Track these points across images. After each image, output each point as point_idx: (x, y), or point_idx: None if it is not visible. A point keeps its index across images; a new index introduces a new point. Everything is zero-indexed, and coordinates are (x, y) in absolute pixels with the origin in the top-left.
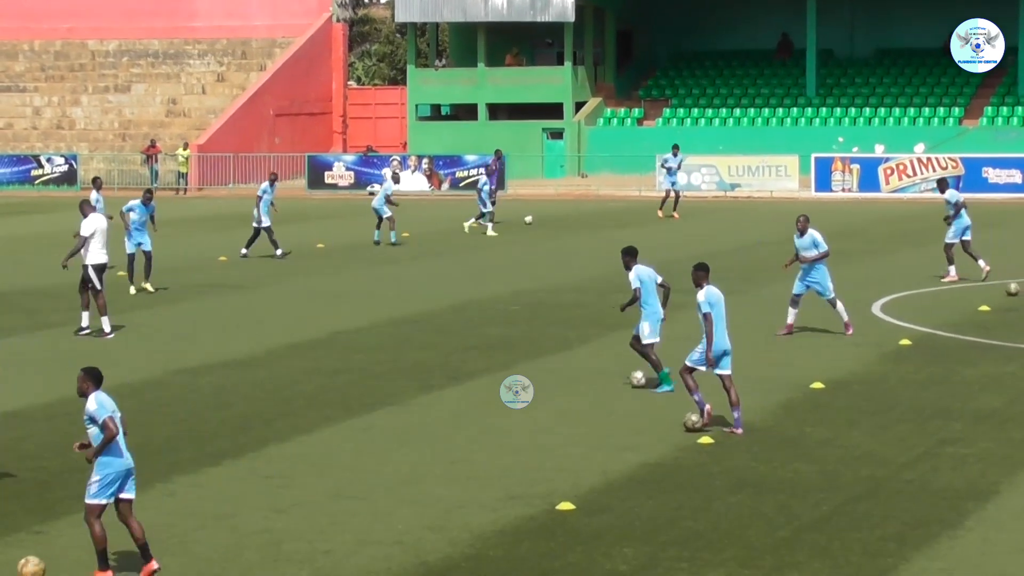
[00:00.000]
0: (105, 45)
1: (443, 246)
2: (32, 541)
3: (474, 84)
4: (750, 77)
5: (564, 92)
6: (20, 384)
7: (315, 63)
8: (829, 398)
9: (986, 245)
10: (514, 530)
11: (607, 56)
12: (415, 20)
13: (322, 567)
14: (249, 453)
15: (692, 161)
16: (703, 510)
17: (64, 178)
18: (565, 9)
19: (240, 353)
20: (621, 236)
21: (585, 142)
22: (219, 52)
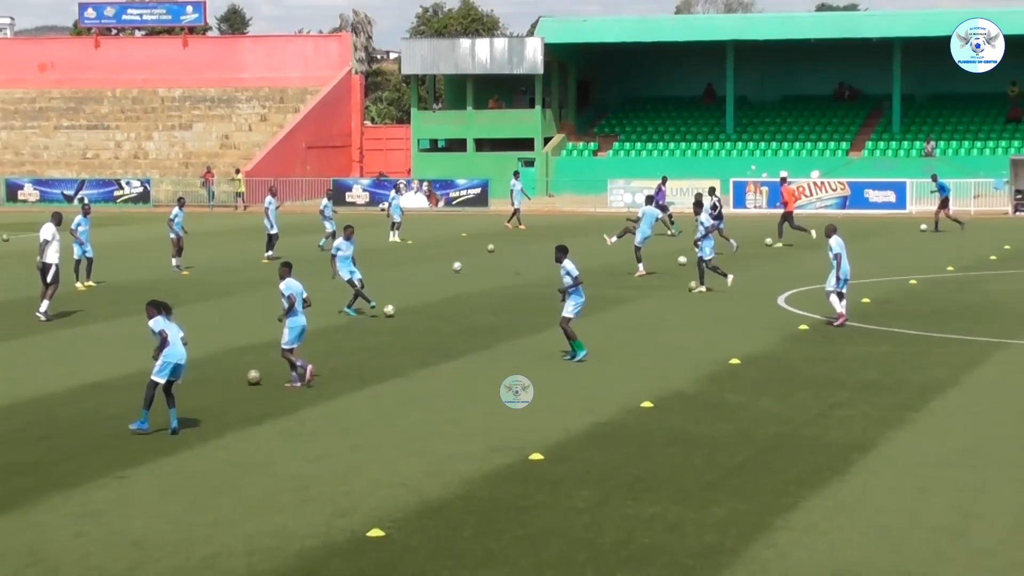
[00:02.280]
0: (172, 92)
1: (438, 250)
2: (115, 484)
3: (464, 123)
4: (682, 118)
5: (535, 129)
6: (104, 360)
7: (338, 106)
8: (744, 371)
9: (867, 251)
10: (495, 475)
11: (569, 101)
12: (417, 72)
13: (342, 505)
14: (285, 415)
15: (636, 184)
16: (644, 460)
17: (140, 198)
18: (536, 64)
19: (276, 336)
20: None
21: (552, 169)
22: (262, 98)
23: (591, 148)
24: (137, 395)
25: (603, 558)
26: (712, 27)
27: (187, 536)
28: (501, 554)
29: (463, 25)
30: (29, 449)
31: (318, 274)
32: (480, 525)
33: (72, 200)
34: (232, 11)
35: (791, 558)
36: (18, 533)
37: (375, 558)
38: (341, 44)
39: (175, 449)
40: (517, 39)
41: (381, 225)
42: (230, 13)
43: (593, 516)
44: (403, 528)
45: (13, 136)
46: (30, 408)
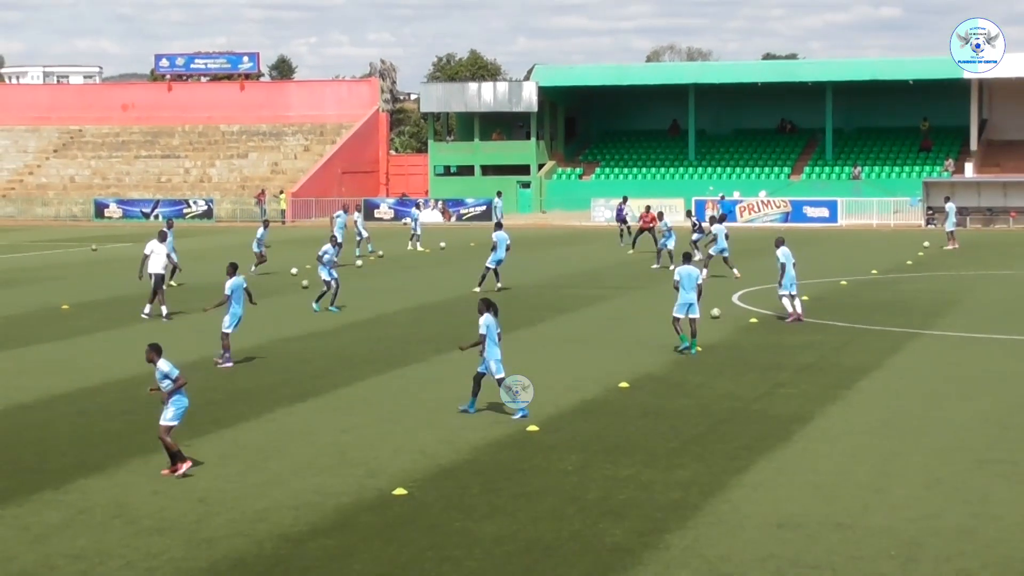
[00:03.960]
0: (231, 128)
1: (450, 258)
2: (185, 450)
3: (472, 152)
4: (652, 147)
5: (531, 157)
6: (177, 348)
7: (368, 139)
8: (704, 356)
9: (805, 257)
10: (498, 443)
11: (559, 134)
12: (433, 110)
13: (372, 467)
14: (324, 393)
15: (614, 202)
16: (621, 430)
17: (204, 214)
18: (531, 103)
19: (318, 328)
20: (568, 251)
21: (544, 190)
22: (305, 132)
23: (577, 172)
24: (199, 377)
25: (587, 511)
26: (677, 72)
27: (244, 493)
28: (503, 508)
29: (471, 71)
30: (116, 421)
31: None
32: (485, 484)
33: (149, 216)
34: (281, 60)
35: (743, 511)
36: (107, 490)
37: (399, 512)
38: (370, 87)
39: (233, 422)
40: (516, 83)
41: (404, 236)
42: (279, 62)
43: (579, 477)
44: (422, 487)
45: (100, 164)
46: (119, 387)
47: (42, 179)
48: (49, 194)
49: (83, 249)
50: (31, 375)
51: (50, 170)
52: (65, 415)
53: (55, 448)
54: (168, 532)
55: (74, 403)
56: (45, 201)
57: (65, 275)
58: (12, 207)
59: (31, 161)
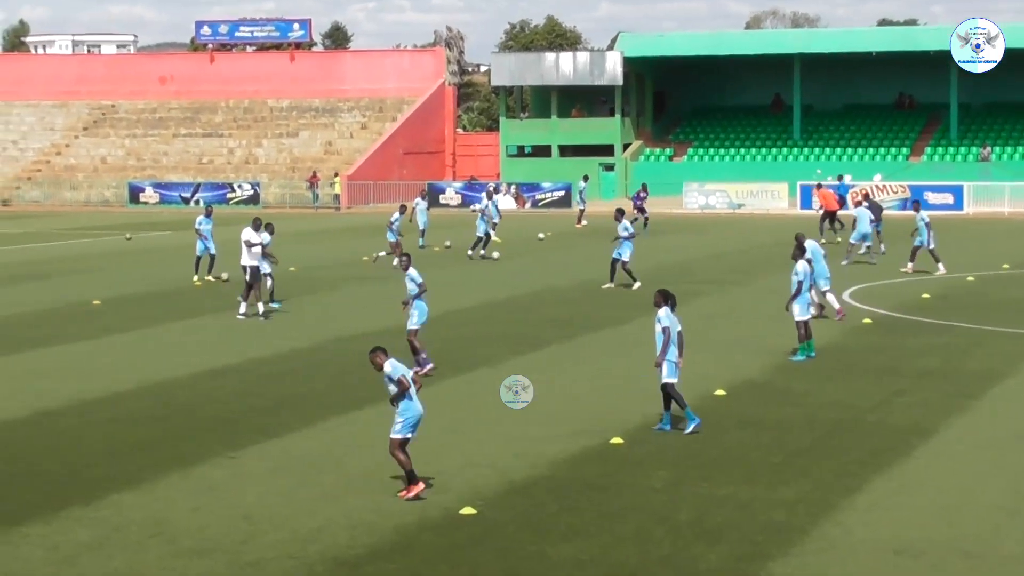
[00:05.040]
0: (280, 103)
1: (525, 249)
2: (227, 464)
3: (549, 130)
4: (751, 125)
5: (615, 136)
6: (218, 349)
7: (432, 115)
8: (810, 360)
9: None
10: (578, 457)
11: (646, 110)
12: (506, 83)
13: (437, 483)
14: (384, 401)
15: (709, 187)
16: (717, 442)
17: (250, 199)
18: (615, 75)
19: (377, 326)
20: (657, 242)
21: (630, 173)
22: (363, 108)
23: (667, 153)
24: (246, 381)
25: (678, 534)
26: (780, 41)
27: (294, 511)
28: (583, 529)
29: (548, 40)
30: (151, 429)
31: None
32: (563, 503)
33: (189, 202)
34: (335, 28)
35: (856, 535)
36: (143, 506)
37: (467, 533)
38: (435, 58)
39: (283, 431)
40: (598, 53)
41: (470, 225)
42: (333, 30)
43: (669, 495)
44: (492, 505)
45: (135, 143)
46: (154, 392)
47: (71, 160)
48: (78, 177)
49: (116, 238)
50: (58, 378)
51: (79, 150)
52: (96, 422)
53: (85, 459)
54: (210, 553)
55: (106, 409)
56: (74, 184)
57: (96, 267)
58: (38, 191)
59: (58, 140)
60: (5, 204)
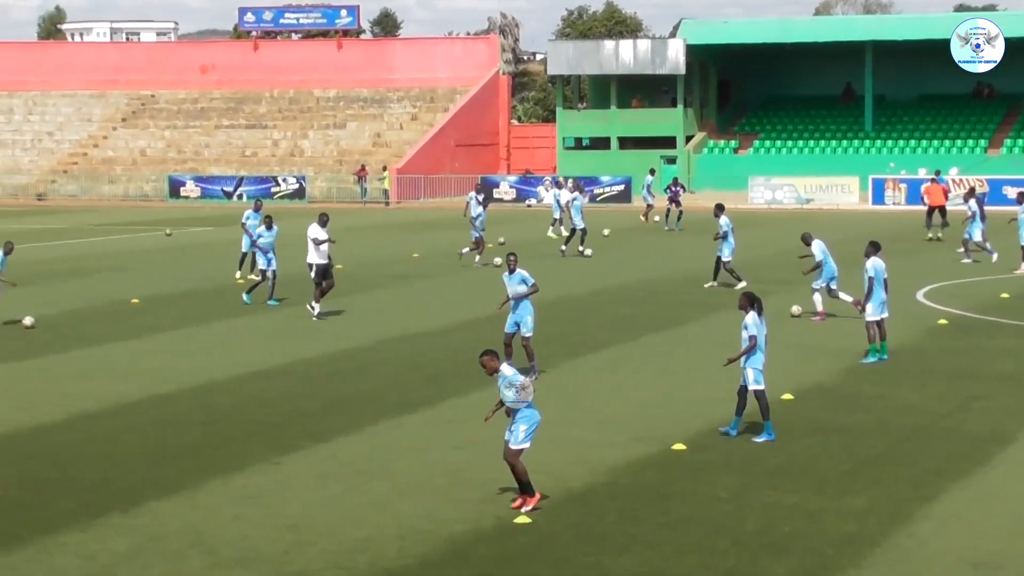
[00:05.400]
0: (327, 93)
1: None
2: (271, 470)
3: (607, 122)
4: (821, 116)
5: (677, 128)
6: (262, 349)
7: (486, 106)
8: (882, 363)
9: (1007, 247)
10: (639, 464)
11: (710, 100)
12: (563, 72)
13: (491, 491)
14: (436, 403)
15: (776, 181)
16: (784, 449)
17: (296, 194)
18: (678, 64)
19: (428, 327)
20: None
21: (693, 166)
22: (413, 98)
23: (732, 146)
24: (291, 383)
25: (744, 545)
26: (851, 28)
27: (341, 519)
28: (643, 539)
29: (607, 27)
30: (192, 434)
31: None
32: (623, 511)
33: (231, 196)
34: (384, 15)
35: (931, 547)
36: (182, 514)
37: (522, 543)
38: (489, 46)
39: (330, 436)
40: (660, 40)
41: (526, 220)
42: (382, 16)
43: (734, 504)
44: (548, 514)
45: (176, 135)
46: (195, 394)
47: (108, 152)
48: (116, 170)
49: (156, 234)
50: (96, 379)
51: (118, 142)
52: (135, 426)
53: (123, 464)
54: (253, 564)
55: (145, 412)
56: (112, 178)
57: (135, 264)
58: (74, 185)
59: (96, 131)
60: (40, 198)
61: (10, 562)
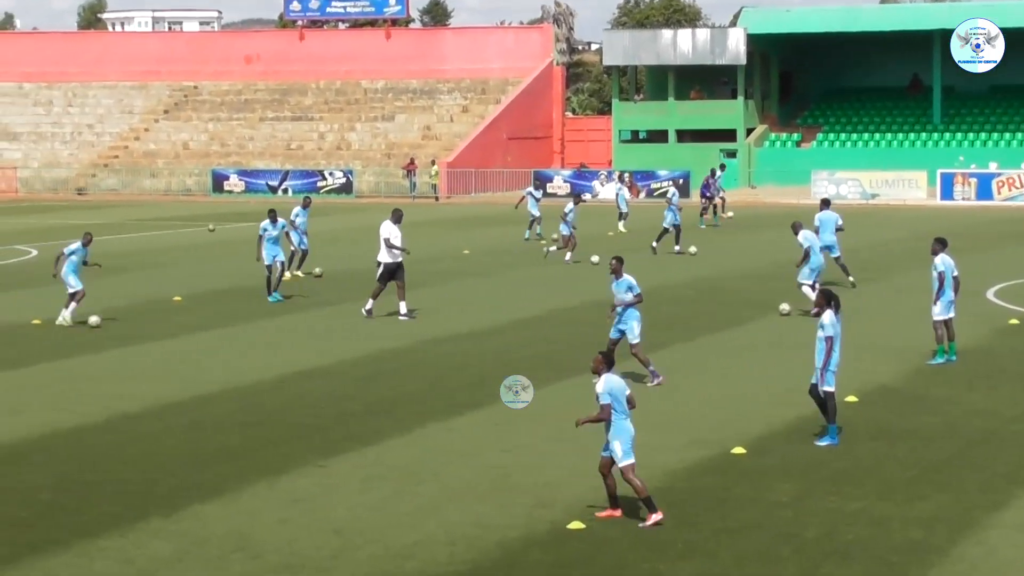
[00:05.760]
0: (374, 84)
1: (638, 242)
2: (317, 473)
3: (665, 114)
4: (887, 108)
5: (737, 120)
6: (308, 349)
7: (539, 97)
8: (950, 364)
9: None
10: (696, 468)
11: (771, 91)
12: (619, 63)
13: (543, 495)
14: (484, 405)
15: (840, 175)
16: (847, 453)
17: (343, 188)
18: (738, 54)
19: (475, 326)
20: (783, 235)
21: (754, 160)
22: (464, 89)
23: (794, 139)
24: (337, 384)
25: (806, 552)
26: (919, 16)
27: (388, 524)
28: (701, 546)
29: (665, 16)
30: (235, 436)
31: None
32: (681, 517)
33: (276, 191)
34: (434, 3)
35: (1001, 556)
36: (225, 518)
37: (575, 549)
38: (543, 35)
39: (376, 439)
40: (719, 30)
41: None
42: (432, 5)
43: (795, 510)
44: (602, 519)
45: (219, 128)
46: (238, 395)
47: (150, 145)
48: (158, 163)
49: (199, 229)
50: (137, 379)
51: (159, 135)
52: (176, 428)
53: (164, 467)
54: (298, 569)
55: (187, 413)
56: (154, 171)
57: (177, 261)
58: (115, 179)
59: (137, 124)
60: (80, 193)
61: (49, 566)
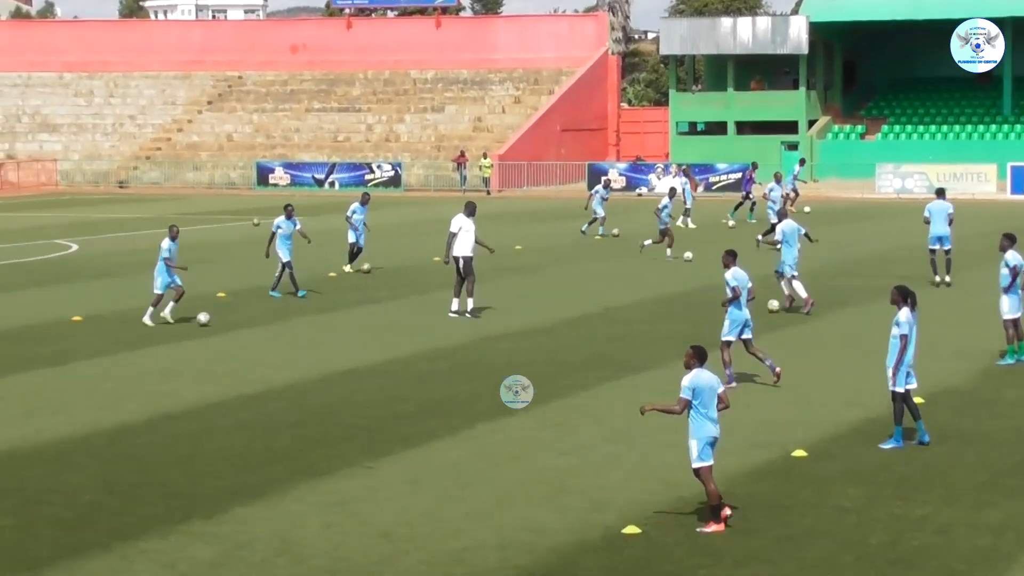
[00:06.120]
0: (424, 74)
1: (698, 238)
2: (363, 475)
3: (724, 105)
4: (955, 99)
5: (799, 111)
6: (355, 347)
7: (594, 88)
8: (1021, 365)
9: None
10: (756, 472)
11: (835, 82)
12: (676, 52)
13: (598, 499)
14: (538, 405)
15: (906, 169)
16: (914, 458)
17: (391, 181)
18: (800, 43)
19: (529, 324)
20: (847, 231)
21: (816, 153)
22: (516, 79)
23: (858, 131)
24: (385, 384)
25: (870, 560)
26: (989, 3)
27: (437, 529)
28: (762, 554)
29: (724, 3)
30: (280, 436)
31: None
32: (740, 523)
33: (323, 184)
34: None
35: None
36: (269, 521)
37: (630, 556)
38: (597, 24)
39: (425, 440)
40: (780, 18)
41: (637, 210)
42: None
43: (859, 516)
44: (660, 524)
45: (264, 119)
46: (282, 395)
47: (193, 137)
48: (202, 156)
49: (243, 224)
50: (180, 378)
51: (203, 126)
52: (220, 428)
53: (208, 468)
54: (343, 575)
55: (231, 413)
56: (197, 164)
57: (220, 256)
58: (157, 171)
59: (180, 115)
60: (122, 186)
61: (90, 568)
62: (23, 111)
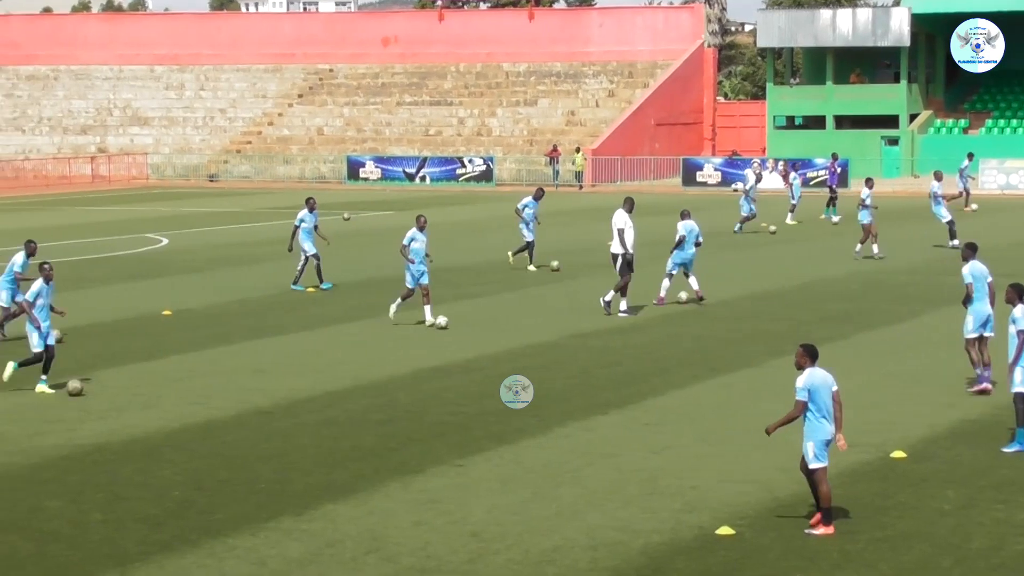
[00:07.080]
0: (517, 67)
1: (794, 234)
2: (453, 472)
3: (823, 99)
4: None
5: (899, 106)
6: (447, 343)
7: (689, 81)
8: None
9: None
10: (852, 473)
11: (937, 75)
12: (774, 45)
13: (691, 500)
14: (630, 404)
15: (1011, 164)
16: (1017, 459)
17: (483, 176)
18: (902, 35)
19: (623, 322)
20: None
21: (918, 148)
22: (610, 72)
23: (961, 125)
24: (476, 380)
25: (970, 564)
26: None
27: (527, 528)
28: (858, 556)
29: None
30: (370, 433)
31: None
32: (837, 525)
33: (413, 179)
34: None
35: None
36: (359, 519)
37: (723, 557)
38: (693, 16)
39: (516, 438)
40: (882, 9)
41: (732, 206)
42: None
43: (959, 519)
44: (754, 525)
45: (355, 112)
46: (372, 391)
47: (284, 131)
48: (292, 149)
49: (333, 218)
50: (270, 374)
51: (294, 120)
52: (309, 424)
53: (297, 465)
54: (433, 573)
55: (320, 410)
56: (287, 158)
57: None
58: (248, 165)
59: (271, 109)
60: (212, 180)
61: (179, 565)
62: (114, 104)
